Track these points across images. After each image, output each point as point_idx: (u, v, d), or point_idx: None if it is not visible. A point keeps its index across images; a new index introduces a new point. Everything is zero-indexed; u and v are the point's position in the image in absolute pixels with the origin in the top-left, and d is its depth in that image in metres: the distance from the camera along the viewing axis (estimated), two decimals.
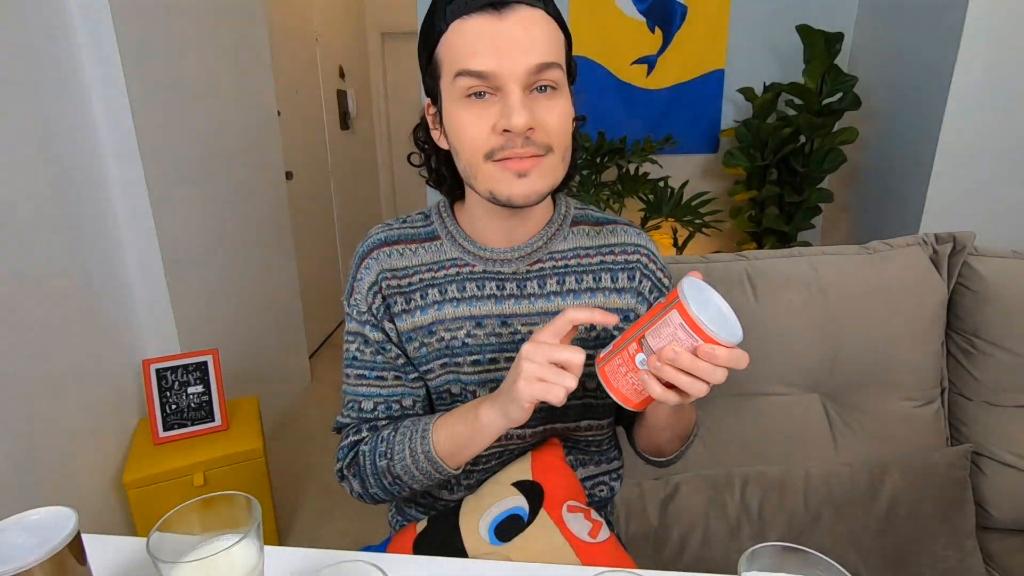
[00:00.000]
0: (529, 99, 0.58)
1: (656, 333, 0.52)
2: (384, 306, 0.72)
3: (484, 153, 0.60)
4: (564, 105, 0.61)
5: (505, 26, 0.56)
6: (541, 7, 0.59)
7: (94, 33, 1.46)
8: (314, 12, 3.17)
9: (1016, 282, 1.14)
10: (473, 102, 0.59)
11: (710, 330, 0.49)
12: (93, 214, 1.51)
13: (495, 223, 0.70)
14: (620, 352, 0.55)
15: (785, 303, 1.13)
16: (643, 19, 2.00)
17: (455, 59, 0.58)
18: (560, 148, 0.62)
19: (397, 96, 4.40)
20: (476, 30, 0.57)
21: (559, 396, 0.54)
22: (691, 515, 1.03)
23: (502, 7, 0.56)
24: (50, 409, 1.35)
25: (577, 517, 0.67)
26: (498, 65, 0.57)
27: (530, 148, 0.59)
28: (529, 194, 0.61)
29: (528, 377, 0.55)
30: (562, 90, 0.61)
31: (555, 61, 0.59)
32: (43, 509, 0.46)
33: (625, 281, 0.73)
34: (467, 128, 0.60)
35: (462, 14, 0.57)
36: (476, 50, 0.57)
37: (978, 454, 1.15)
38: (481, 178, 0.62)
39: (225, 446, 1.57)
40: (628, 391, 0.55)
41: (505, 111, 0.58)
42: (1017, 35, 1.46)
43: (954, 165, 1.57)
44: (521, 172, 0.60)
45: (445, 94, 0.61)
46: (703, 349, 0.50)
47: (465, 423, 0.64)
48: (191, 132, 1.83)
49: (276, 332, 2.44)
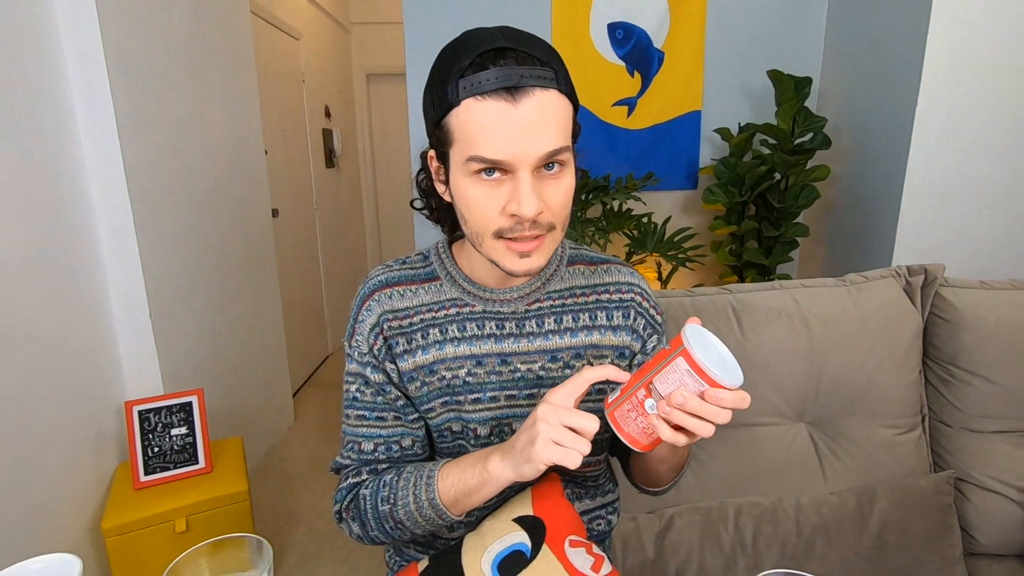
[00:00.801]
0: (537, 181, 0.60)
1: (664, 379, 0.54)
2: (386, 347, 0.72)
3: (493, 232, 0.62)
4: (569, 181, 0.63)
5: (519, 113, 0.57)
6: (554, 86, 0.59)
7: (86, 72, 1.48)
8: (301, 53, 3.25)
9: (987, 311, 1.19)
10: (483, 180, 0.60)
11: (715, 375, 0.52)
12: (78, 253, 1.50)
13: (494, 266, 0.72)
14: (629, 398, 0.57)
15: (770, 335, 1.17)
16: (623, 64, 2.09)
17: (467, 140, 0.59)
18: (561, 223, 0.65)
19: (382, 135, 4.47)
20: (490, 115, 0.57)
21: (576, 462, 0.56)
22: (687, 547, 1.04)
23: (517, 92, 0.56)
24: (27, 452, 1.31)
25: (579, 552, 0.67)
26: (511, 155, 0.58)
27: (536, 230, 0.62)
28: (530, 271, 0.64)
29: (546, 440, 0.57)
30: (568, 165, 0.62)
31: (564, 145, 0.60)
32: (46, 557, 0.46)
33: (620, 319, 0.76)
34: (477, 205, 0.62)
35: (475, 94, 0.57)
36: (489, 137, 0.57)
37: (962, 480, 1.18)
38: (486, 249, 0.65)
39: (209, 489, 1.52)
40: (638, 434, 0.57)
41: (515, 196, 0.59)
42: (974, 76, 1.56)
43: (921, 200, 1.65)
44: (524, 253, 0.63)
45: (454, 164, 0.62)
46: (710, 394, 0.52)
47: (473, 474, 0.65)
48: (180, 171, 1.84)
49: (260, 371, 2.41)
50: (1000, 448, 1.18)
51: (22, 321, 1.30)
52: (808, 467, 1.16)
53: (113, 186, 1.55)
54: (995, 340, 1.17)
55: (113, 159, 1.54)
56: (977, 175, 1.62)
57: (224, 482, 1.56)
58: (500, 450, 0.64)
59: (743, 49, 2.10)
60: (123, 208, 1.57)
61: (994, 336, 1.18)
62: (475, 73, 0.57)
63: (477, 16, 1.99)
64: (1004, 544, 1.16)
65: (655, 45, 2.08)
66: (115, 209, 1.57)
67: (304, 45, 3.27)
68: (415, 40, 2.05)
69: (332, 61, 3.82)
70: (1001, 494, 1.15)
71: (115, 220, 1.57)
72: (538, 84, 0.57)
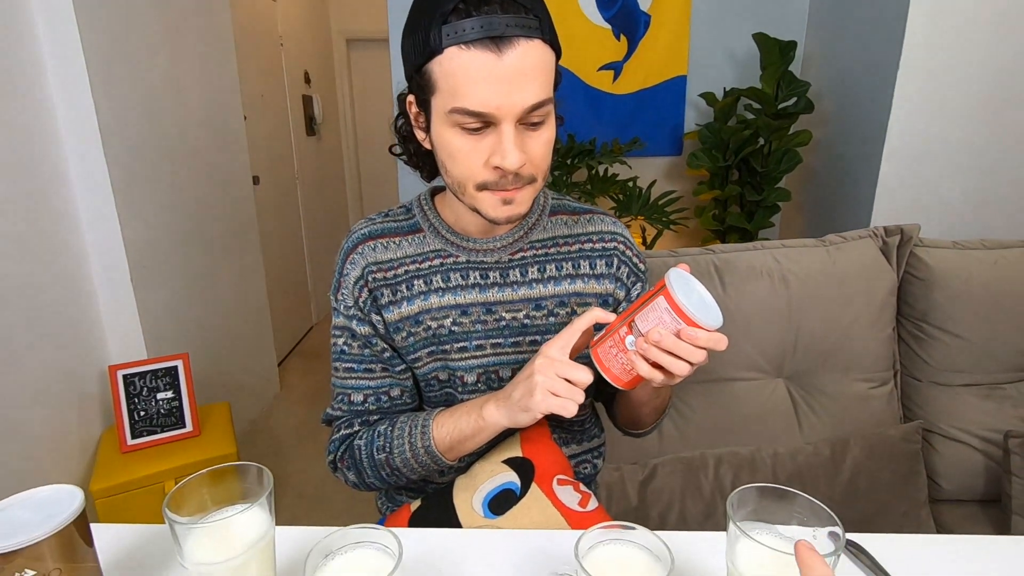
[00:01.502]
0: (519, 134, 0.60)
1: (644, 317, 0.56)
2: (371, 299, 0.73)
3: (476, 184, 0.63)
4: (550, 132, 0.63)
5: (503, 64, 0.56)
6: (538, 35, 0.58)
7: (58, 34, 1.43)
8: (278, 16, 3.15)
9: (959, 271, 1.23)
10: (466, 131, 0.60)
11: (692, 314, 0.53)
12: (55, 217, 1.47)
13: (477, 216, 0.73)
14: (612, 335, 0.59)
15: (750, 293, 1.19)
16: (609, 27, 2.07)
17: (451, 91, 0.58)
18: (542, 175, 0.66)
19: (363, 102, 4.38)
20: (475, 65, 0.56)
21: (572, 411, 0.59)
22: (669, 495, 1.08)
23: (502, 42, 0.56)
24: (12, 417, 1.30)
25: (567, 489, 0.70)
26: (496, 107, 0.57)
27: (518, 182, 0.63)
28: (512, 217, 0.66)
29: (544, 391, 0.60)
30: (550, 118, 0.63)
31: (548, 98, 0.60)
32: (51, 486, 0.47)
33: (603, 267, 0.77)
34: (460, 155, 0.62)
35: (459, 42, 0.56)
36: (474, 89, 0.57)
37: (929, 431, 1.23)
38: (468, 198, 0.65)
39: (197, 452, 1.53)
40: (619, 371, 0.59)
41: (499, 149, 0.60)
42: (955, 43, 1.58)
43: (899, 164, 1.68)
44: (507, 200, 0.64)
45: (436, 114, 0.62)
46: (685, 331, 0.54)
47: (468, 422, 0.68)
48: (157, 135, 1.79)
49: (244, 339, 2.40)
50: (966, 400, 1.23)
51: (1, 286, 1.28)
52: (785, 419, 1.20)
53: (89, 148, 1.51)
54: (965, 298, 1.22)
55: (88, 119, 1.49)
56: (954, 138, 1.65)
57: (212, 445, 1.56)
58: (495, 399, 0.66)
59: (729, 13, 2.09)
60: (100, 170, 1.53)
61: (964, 294, 1.22)
62: (459, 20, 0.55)
63: None
64: (966, 490, 1.22)
65: (641, 8, 2.06)
66: (92, 171, 1.53)
67: (281, 7, 3.17)
68: (399, 3, 2.01)
69: (310, 25, 3.71)
70: (965, 443, 1.20)
71: (92, 183, 1.54)
72: (523, 34, 0.56)
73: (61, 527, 0.44)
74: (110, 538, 0.59)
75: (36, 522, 0.44)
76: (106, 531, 0.59)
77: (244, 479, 0.48)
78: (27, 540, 0.42)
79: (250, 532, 0.45)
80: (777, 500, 0.48)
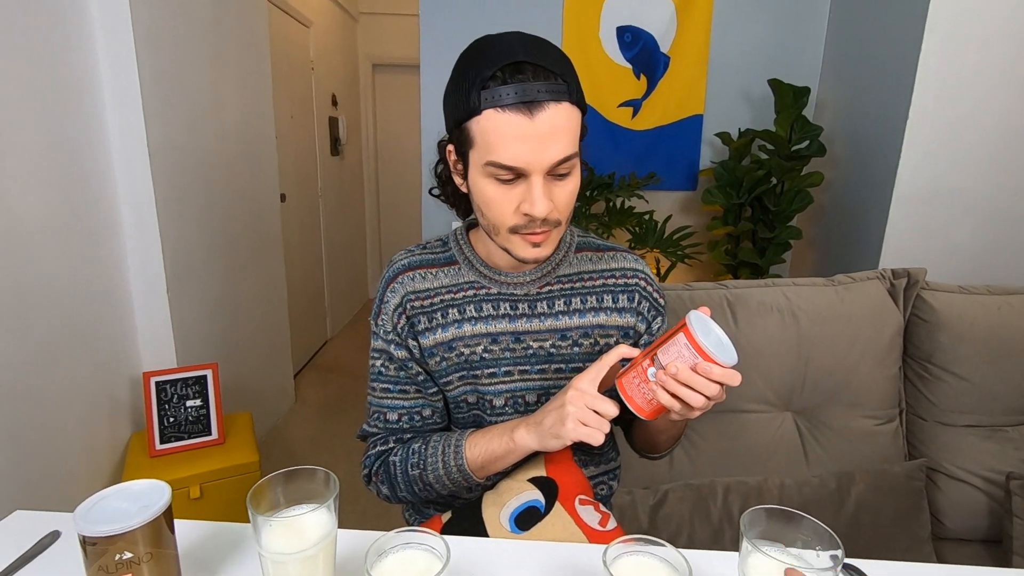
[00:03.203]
0: (547, 184, 0.67)
1: (666, 351, 0.63)
2: (408, 325, 0.80)
3: (508, 228, 0.71)
4: (575, 182, 0.71)
5: (535, 125, 0.63)
6: (567, 99, 0.65)
7: (115, 52, 1.53)
8: (311, 42, 3.29)
9: (964, 315, 1.28)
10: (500, 181, 0.68)
11: (708, 350, 0.60)
12: (101, 230, 1.55)
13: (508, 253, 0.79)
14: (636, 367, 0.66)
15: (761, 328, 1.25)
16: (630, 66, 2.17)
17: (487, 146, 0.66)
18: (566, 218, 0.73)
19: (385, 124, 4.52)
20: (509, 127, 0.64)
21: (599, 439, 0.66)
22: (678, 520, 1.12)
23: (534, 106, 0.63)
24: (47, 419, 1.37)
25: (588, 509, 0.75)
26: (526, 163, 0.65)
27: (545, 225, 0.70)
28: (539, 259, 0.73)
29: (575, 421, 0.66)
30: (575, 168, 0.70)
31: (574, 153, 0.67)
32: (141, 481, 0.53)
33: (625, 302, 0.83)
34: (494, 203, 0.69)
35: (496, 105, 0.63)
36: (508, 146, 0.64)
37: (933, 469, 1.27)
38: (502, 239, 0.73)
39: (221, 459, 1.59)
40: (641, 401, 0.65)
41: (528, 198, 0.67)
42: (964, 93, 1.65)
43: (908, 208, 1.74)
44: (535, 243, 0.72)
45: (473, 165, 0.69)
46: (701, 365, 0.61)
47: (500, 443, 0.74)
48: (197, 153, 1.89)
49: (264, 351, 2.47)
50: (970, 441, 1.27)
51: (44, 291, 1.35)
52: (792, 451, 1.25)
53: (136, 163, 1.60)
54: (970, 341, 1.26)
55: (137, 136, 1.59)
56: (961, 186, 1.71)
57: (236, 452, 1.62)
58: (525, 424, 0.73)
59: (745, 57, 2.18)
60: (145, 184, 1.63)
61: (969, 337, 1.26)
62: (496, 87, 0.63)
63: (491, 13, 2.05)
64: (969, 530, 1.25)
65: (661, 49, 2.16)
66: (137, 185, 1.62)
67: (314, 33, 3.32)
68: (430, 34, 2.11)
69: (340, 50, 3.86)
70: (968, 483, 1.24)
71: (137, 196, 1.62)
72: (552, 98, 0.64)
73: (154, 517, 0.50)
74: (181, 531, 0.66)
75: (133, 511, 0.50)
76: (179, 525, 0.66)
77: (313, 481, 0.54)
78: (127, 526, 0.48)
79: (319, 529, 0.51)
80: (785, 522, 0.53)
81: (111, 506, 0.51)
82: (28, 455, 1.31)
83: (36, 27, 1.32)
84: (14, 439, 1.27)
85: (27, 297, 1.30)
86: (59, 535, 0.66)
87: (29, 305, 1.31)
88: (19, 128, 1.28)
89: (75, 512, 0.50)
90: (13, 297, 1.26)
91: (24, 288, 1.29)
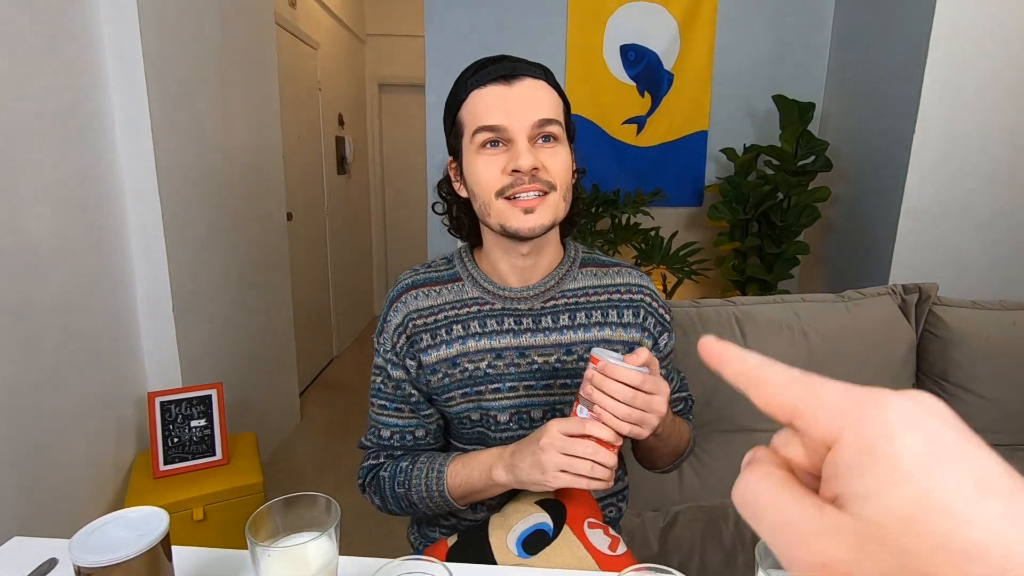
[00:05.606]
0: (534, 147, 0.71)
1: (583, 388, 0.65)
2: (408, 344, 0.80)
3: (496, 191, 0.71)
4: (564, 153, 0.74)
5: (513, 92, 0.70)
6: (543, 78, 0.73)
7: (125, 77, 1.54)
8: (319, 63, 3.33)
9: (977, 330, 1.26)
10: (487, 150, 0.71)
11: (601, 356, 0.62)
12: (109, 251, 1.56)
13: (511, 264, 0.79)
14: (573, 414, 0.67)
15: (771, 345, 1.23)
16: (633, 84, 2.18)
17: (474, 119, 0.71)
18: (561, 187, 0.73)
19: (391, 143, 4.56)
20: (491, 95, 0.70)
21: (585, 484, 0.64)
22: (689, 543, 1.09)
23: (511, 78, 0.70)
24: (53, 438, 1.36)
25: (597, 532, 0.73)
26: (508, 121, 0.69)
27: (535, 184, 0.71)
28: (534, 227, 0.72)
29: (554, 473, 0.64)
30: (562, 142, 0.73)
31: (555, 118, 0.72)
32: (138, 508, 0.52)
33: (630, 317, 0.82)
34: (482, 171, 0.72)
35: (479, 85, 0.71)
36: (491, 110, 0.70)
37: None
38: (494, 214, 0.73)
39: (226, 480, 1.57)
40: (602, 435, 0.64)
41: (513, 155, 0.70)
42: (971, 107, 1.64)
43: (918, 222, 1.72)
44: (528, 209, 0.71)
45: (465, 149, 0.73)
46: (604, 369, 0.62)
47: (480, 479, 0.73)
48: (205, 174, 1.90)
49: (269, 370, 2.46)
50: None
51: (51, 310, 1.36)
52: None
53: (145, 185, 1.62)
54: (984, 357, 1.24)
55: (146, 159, 1.60)
56: (971, 199, 1.70)
57: (240, 474, 1.60)
58: (503, 463, 0.70)
59: (749, 74, 2.19)
60: (153, 207, 1.64)
61: (983, 354, 1.24)
62: (479, 74, 0.71)
63: (495, 33, 2.08)
64: None
65: (665, 67, 2.17)
66: (146, 208, 1.63)
67: (322, 55, 3.36)
68: (435, 55, 2.14)
69: (347, 71, 3.91)
70: None
71: (145, 218, 1.64)
72: (529, 74, 0.71)
73: (151, 545, 0.49)
74: (180, 558, 0.64)
75: (131, 539, 0.49)
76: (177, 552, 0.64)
77: (313, 508, 0.53)
78: (125, 555, 0.47)
79: (320, 558, 0.49)
80: None
81: (108, 534, 0.50)
82: (33, 475, 1.30)
83: (48, 54, 1.35)
84: (20, 458, 1.26)
85: (35, 317, 1.30)
86: (56, 562, 0.64)
87: (36, 325, 1.31)
88: (30, 151, 1.29)
89: (71, 541, 0.49)
90: (20, 318, 1.27)
91: (31, 308, 1.30)
